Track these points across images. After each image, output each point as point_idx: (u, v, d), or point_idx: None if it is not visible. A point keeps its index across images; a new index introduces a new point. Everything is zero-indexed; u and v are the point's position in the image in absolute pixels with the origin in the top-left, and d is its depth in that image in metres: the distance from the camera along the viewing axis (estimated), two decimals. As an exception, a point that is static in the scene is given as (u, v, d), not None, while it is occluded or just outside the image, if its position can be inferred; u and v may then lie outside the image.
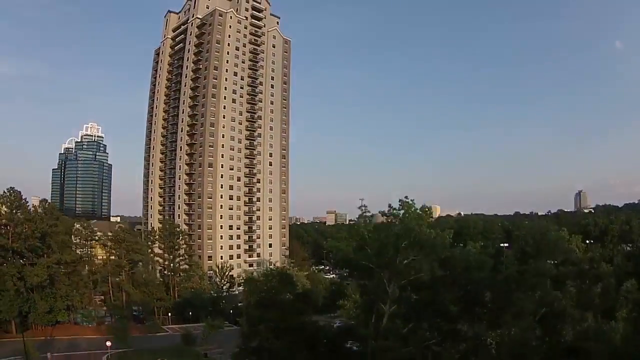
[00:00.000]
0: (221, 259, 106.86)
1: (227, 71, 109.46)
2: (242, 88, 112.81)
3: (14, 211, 63.94)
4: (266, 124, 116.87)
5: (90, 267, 75.80)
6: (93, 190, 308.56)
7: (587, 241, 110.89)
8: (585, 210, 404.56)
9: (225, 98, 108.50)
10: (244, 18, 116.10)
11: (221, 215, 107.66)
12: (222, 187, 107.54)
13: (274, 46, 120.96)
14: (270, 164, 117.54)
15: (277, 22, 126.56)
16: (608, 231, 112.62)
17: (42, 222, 63.77)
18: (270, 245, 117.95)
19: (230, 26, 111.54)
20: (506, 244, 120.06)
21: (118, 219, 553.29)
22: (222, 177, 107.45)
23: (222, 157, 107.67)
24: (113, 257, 78.61)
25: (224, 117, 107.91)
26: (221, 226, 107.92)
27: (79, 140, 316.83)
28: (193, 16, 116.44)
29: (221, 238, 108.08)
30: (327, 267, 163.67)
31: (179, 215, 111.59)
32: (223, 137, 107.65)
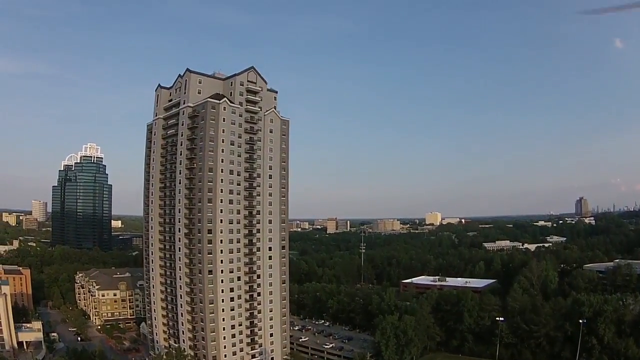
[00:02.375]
0: (225, 357, 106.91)
1: (222, 171, 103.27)
2: (239, 185, 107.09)
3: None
4: (264, 216, 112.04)
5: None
6: (94, 208, 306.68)
7: (581, 320, 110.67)
8: (586, 220, 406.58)
9: (222, 201, 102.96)
10: (239, 105, 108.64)
11: (223, 318, 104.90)
12: (222, 292, 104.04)
13: (271, 131, 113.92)
14: (270, 258, 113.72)
15: (275, 98, 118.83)
16: (602, 312, 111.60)
17: None
18: (271, 335, 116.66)
19: (224, 119, 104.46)
20: (502, 318, 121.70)
21: (119, 223, 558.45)
22: (222, 282, 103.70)
23: (222, 262, 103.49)
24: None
25: (221, 222, 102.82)
26: (224, 328, 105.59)
27: (79, 161, 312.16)
28: (184, 103, 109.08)
29: (224, 339, 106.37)
30: (327, 324, 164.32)
31: (181, 313, 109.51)
32: (221, 242, 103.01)
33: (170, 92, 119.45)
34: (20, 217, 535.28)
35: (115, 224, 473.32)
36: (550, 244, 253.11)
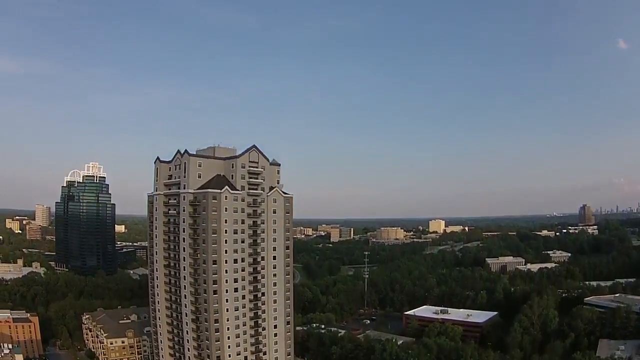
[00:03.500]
0: None
1: (226, 262, 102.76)
2: (243, 271, 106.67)
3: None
4: (269, 296, 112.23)
5: None
6: (97, 227, 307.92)
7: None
8: (589, 230, 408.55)
9: (227, 291, 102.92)
10: (240, 190, 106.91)
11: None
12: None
13: (274, 211, 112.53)
14: (276, 335, 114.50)
15: (278, 171, 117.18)
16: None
17: None
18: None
19: (226, 209, 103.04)
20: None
21: (123, 227, 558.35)
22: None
23: (229, 347, 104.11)
24: None
25: (227, 311, 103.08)
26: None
27: (81, 180, 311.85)
28: (184, 187, 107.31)
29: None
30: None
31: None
32: (228, 329, 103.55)
33: (169, 167, 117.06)
34: (24, 222, 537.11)
35: (119, 228, 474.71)
36: (554, 265, 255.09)
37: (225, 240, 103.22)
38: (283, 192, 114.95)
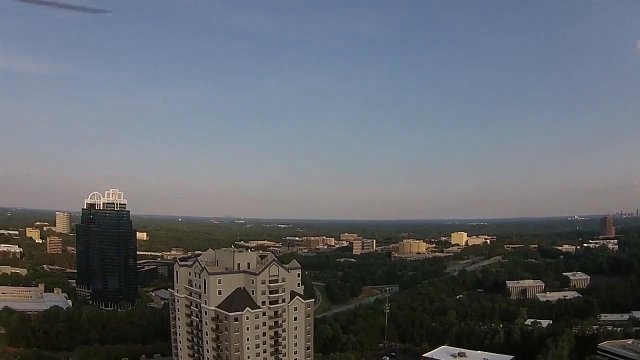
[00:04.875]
0: None
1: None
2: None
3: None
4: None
5: None
6: (118, 254, 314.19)
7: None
8: (610, 245, 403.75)
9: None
10: (261, 305, 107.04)
11: None
12: None
13: (295, 319, 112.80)
14: None
15: (298, 274, 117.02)
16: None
17: None
18: None
19: (247, 328, 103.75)
20: None
21: (144, 235, 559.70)
22: None
23: None
24: None
25: None
26: None
27: (102, 208, 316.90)
28: (205, 303, 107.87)
29: None
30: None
31: None
32: None
33: (189, 271, 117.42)
34: (44, 229, 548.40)
35: (140, 236, 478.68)
36: (572, 297, 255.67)
37: (248, 356, 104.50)
38: (302, 298, 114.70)
